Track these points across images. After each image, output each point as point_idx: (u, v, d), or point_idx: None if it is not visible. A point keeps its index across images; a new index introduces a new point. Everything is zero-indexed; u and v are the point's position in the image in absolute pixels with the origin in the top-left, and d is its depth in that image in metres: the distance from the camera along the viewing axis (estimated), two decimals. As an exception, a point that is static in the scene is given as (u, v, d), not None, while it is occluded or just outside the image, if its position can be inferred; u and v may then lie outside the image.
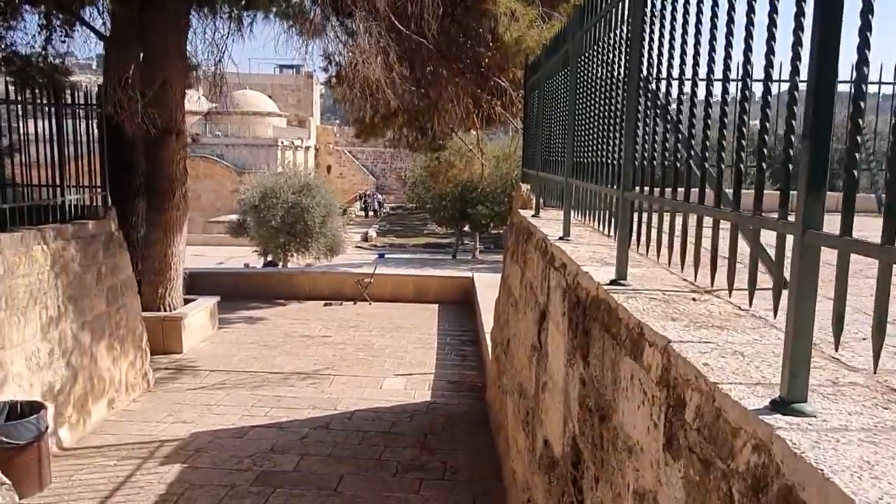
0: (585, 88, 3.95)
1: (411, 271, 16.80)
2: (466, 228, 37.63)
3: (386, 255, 32.30)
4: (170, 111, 9.79)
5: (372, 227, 47.54)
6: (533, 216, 5.81)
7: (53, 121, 6.84)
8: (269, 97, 60.88)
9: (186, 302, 11.03)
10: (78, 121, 7.35)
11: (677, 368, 1.93)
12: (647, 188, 2.75)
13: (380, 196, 59.28)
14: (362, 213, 53.33)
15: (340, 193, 54.78)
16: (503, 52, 8.47)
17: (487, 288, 12.99)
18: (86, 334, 6.91)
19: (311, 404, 8.00)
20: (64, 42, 13.73)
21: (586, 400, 3.03)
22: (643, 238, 2.94)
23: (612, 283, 2.90)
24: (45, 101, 6.94)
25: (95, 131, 7.60)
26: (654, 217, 2.79)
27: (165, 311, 10.43)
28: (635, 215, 2.99)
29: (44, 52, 13.90)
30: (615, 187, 3.02)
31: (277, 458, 6.42)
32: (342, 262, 22.87)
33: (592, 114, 3.75)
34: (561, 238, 4.28)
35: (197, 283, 13.85)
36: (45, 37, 13.86)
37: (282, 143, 51.61)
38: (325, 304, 13.78)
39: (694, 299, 2.71)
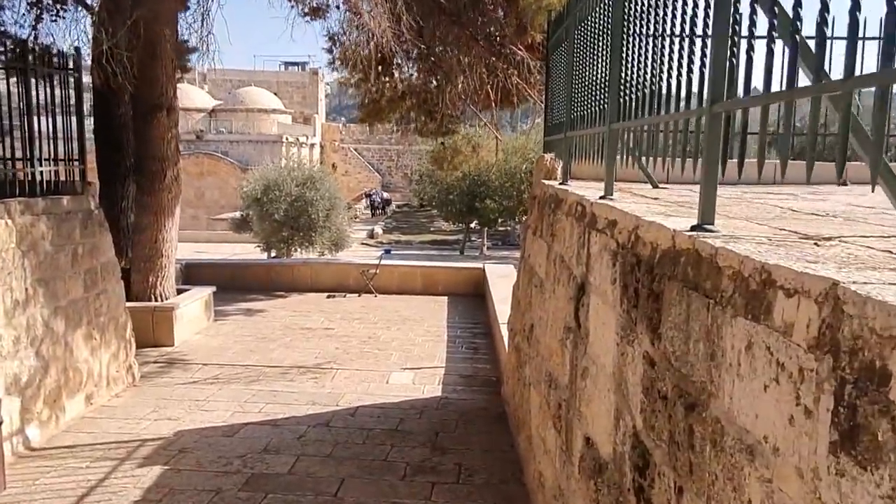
0: (638, 9, 3.22)
1: (419, 263, 16.07)
2: (474, 224, 36.93)
3: (392, 252, 31.65)
4: (160, 84, 9.09)
5: (378, 224, 46.85)
6: (560, 184, 5.10)
7: (21, 85, 6.13)
8: (275, 94, 60.36)
9: (180, 292, 10.33)
10: (52, 87, 6.64)
11: (862, 321, 1.20)
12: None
13: (384, 193, 58.57)
14: (368, 212, 52.59)
15: (346, 191, 54.20)
16: (521, 12, 7.74)
17: (500, 279, 12.27)
18: (59, 321, 6.21)
19: (311, 400, 7.29)
20: (55, 21, 13.11)
21: (656, 384, 2.30)
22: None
23: (695, 229, 2.18)
24: (8, 63, 6.24)
25: (73, 99, 6.86)
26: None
27: (156, 301, 9.73)
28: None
29: (34, 32, 13.29)
30: (703, 106, 2.29)
31: (271, 459, 5.71)
32: (347, 258, 22.14)
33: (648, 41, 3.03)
34: (603, 198, 3.56)
35: (193, 275, 13.18)
36: (35, 15, 13.24)
37: (286, 139, 50.97)
38: (328, 296, 13.08)
39: (817, 244, 1.99)
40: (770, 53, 1.85)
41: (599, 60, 4.02)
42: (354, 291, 13.37)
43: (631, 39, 3.35)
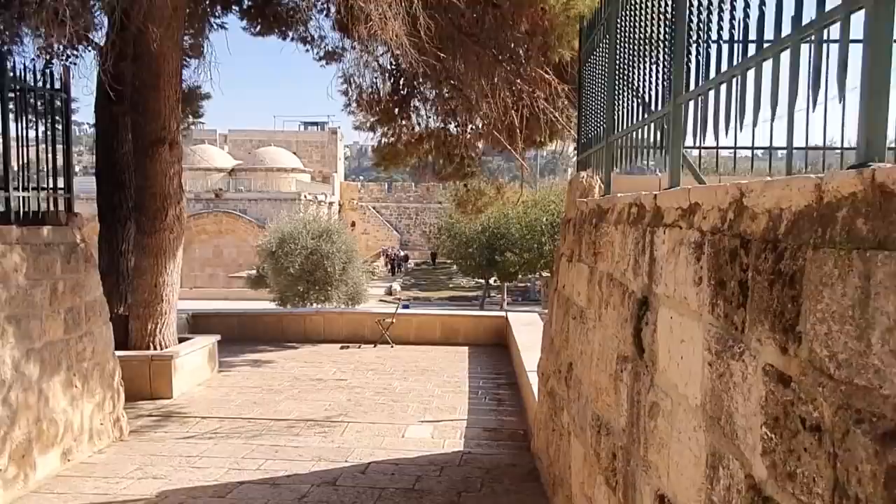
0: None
1: (438, 311, 15.29)
2: (493, 280, 36.17)
3: (410, 307, 30.89)
4: (161, 117, 8.55)
5: (396, 281, 46.25)
6: (603, 195, 4.39)
7: None
8: (294, 153, 60.84)
9: (182, 341, 9.62)
10: (35, 107, 6.07)
11: None
12: None
13: (401, 251, 58.16)
14: (386, 270, 52.00)
15: (364, 249, 53.91)
16: (547, 31, 7.14)
17: (525, 326, 11.48)
18: (32, 365, 5.49)
19: (317, 455, 6.46)
20: (66, 65, 12.80)
21: (796, 410, 1.53)
22: None
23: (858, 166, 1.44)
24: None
25: (60, 122, 6.28)
26: None
27: (156, 349, 9.02)
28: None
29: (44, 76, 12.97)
30: None
31: (267, 525, 4.89)
32: (363, 308, 21.40)
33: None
34: (670, 188, 2.85)
35: (201, 325, 12.50)
36: (46, 59, 12.95)
37: (305, 197, 50.91)
38: (342, 347, 12.30)
39: None
40: None
41: (656, 40, 3.34)
42: (370, 342, 12.59)
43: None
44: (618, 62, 4.24)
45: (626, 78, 4.05)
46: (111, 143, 9.51)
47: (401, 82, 13.66)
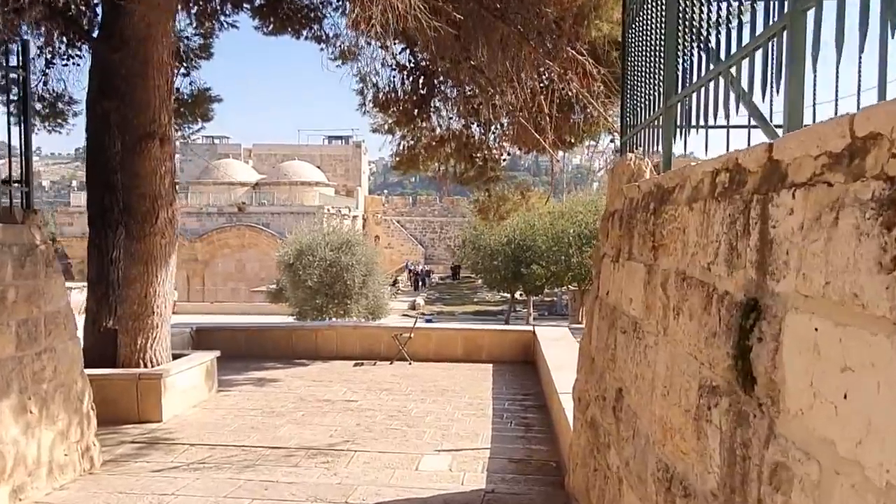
0: None
1: (460, 325, 14.30)
2: (519, 294, 35.07)
3: (434, 321, 29.90)
4: (151, 109, 7.72)
5: (420, 296, 45.36)
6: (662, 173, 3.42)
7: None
8: (318, 167, 60.50)
9: (179, 357, 8.75)
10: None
11: None
12: None
13: (425, 265, 57.34)
14: (409, 284, 51.09)
15: (388, 263, 53.21)
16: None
17: (554, 342, 10.48)
18: (-29, 387, 4.62)
19: (313, 494, 5.50)
20: (66, 65, 12.12)
21: None
22: None
23: None
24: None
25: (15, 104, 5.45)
26: None
27: (146, 366, 8.15)
28: None
29: (45, 77, 12.31)
30: None
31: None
32: (379, 322, 20.49)
33: None
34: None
35: (205, 340, 11.65)
36: (45, 60, 12.28)
37: (328, 210, 50.34)
38: (356, 364, 11.37)
39: None
40: None
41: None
42: (386, 359, 11.65)
43: None
44: (681, 20, 3.28)
45: (689, 34, 3.09)
46: (102, 141, 8.69)
47: (420, 81, 12.80)
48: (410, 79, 12.95)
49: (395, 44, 12.49)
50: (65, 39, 12.06)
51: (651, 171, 4.23)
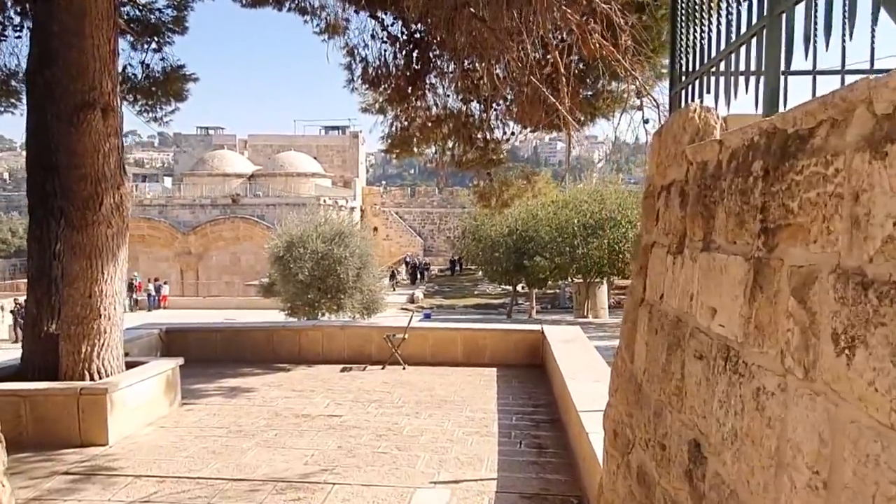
0: None
1: (459, 325, 13.09)
2: (521, 287, 33.86)
3: (432, 316, 28.68)
4: (89, 73, 6.49)
5: (419, 289, 44.20)
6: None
7: None
8: (315, 158, 59.42)
9: (135, 366, 7.55)
10: None
11: None
12: None
13: (423, 259, 56.19)
14: (406, 278, 49.85)
15: (387, 256, 52.07)
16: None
17: (566, 345, 9.26)
18: None
19: (272, 553, 4.32)
20: (19, 37, 10.91)
21: None
22: None
23: None
24: None
25: None
26: None
27: (92, 378, 6.95)
28: None
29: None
30: None
31: None
32: (371, 322, 19.30)
33: None
34: None
35: (176, 343, 10.47)
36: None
37: (324, 201, 49.16)
38: (343, 369, 10.18)
39: None
40: None
41: None
42: (377, 362, 10.46)
43: None
44: None
45: None
46: (43, 117, 7.47)
47: (413, 55, 11.57)
48: (403, 52, 11.72)
49: (385, 14, 11.30)
50: (17, 8, 10.86)
51: (721, 126, 3.02)
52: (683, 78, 3.64)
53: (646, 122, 6.12)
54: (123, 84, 11.94)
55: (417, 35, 11.55)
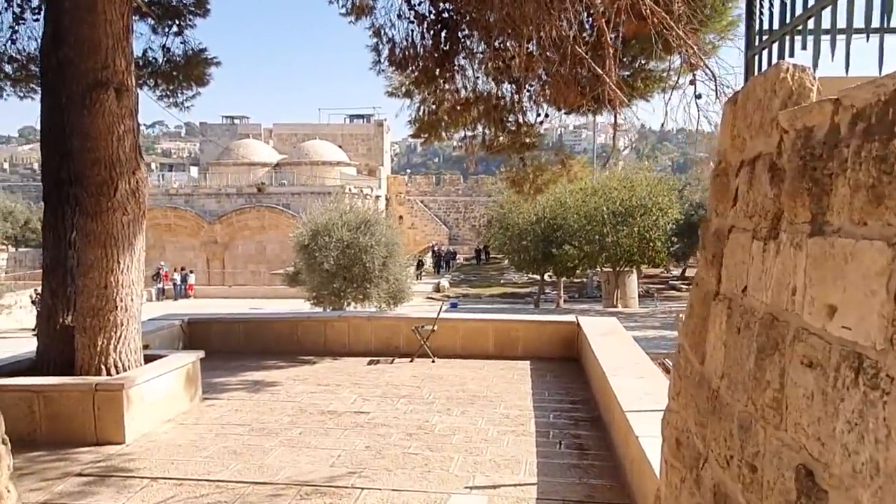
0: None
1: (491, 316, 12.67)
2: (548, 276, 33.34)
3: (459, 305, 28.26)
4: (102, 51, 6.13)
5: (444, 278, 43.85)
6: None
7: None
8: (340, 147, 59.28)
9: (154, 359, 7.22)
10: None
11: None
12: None
13: (447, 247, 55.81)
14: (432, 269, 49.45)
15: (412, 245, 51.77)
16: None
17: (604, 337, 8.80)
18: None
19: (296, 571, 3.94)
20: (37, 20, 10.61)
21: None
22: None
23: None
24: None
25: None
26: None
27: (109, 373, 6.63)
28: None
29: (13, 34, 10.86)
30: None
31: None
32: (398, 312, 18.93)
33: None
34: None
35: (199, 335, 10.16)
36: (12, 15, 10.88)
37: (350, 190, 48.95)
38: (370, 362, 9.80)
39: None
40: None
41: None
42: (405, 355, 10.07)
43: None
44: None
45: None
46: (57, 101, 7.13)
47: (442, 35, 11.12)
48: (431, 32, 11.27)
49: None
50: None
51: (818, 90, 2.55)
52: (763, 38, 3.16)
53: (698, 96, 5.64)
54: (144, 68, 11.64)
55: (446, 14, 11.11)
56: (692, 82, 5.84)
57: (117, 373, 6.65)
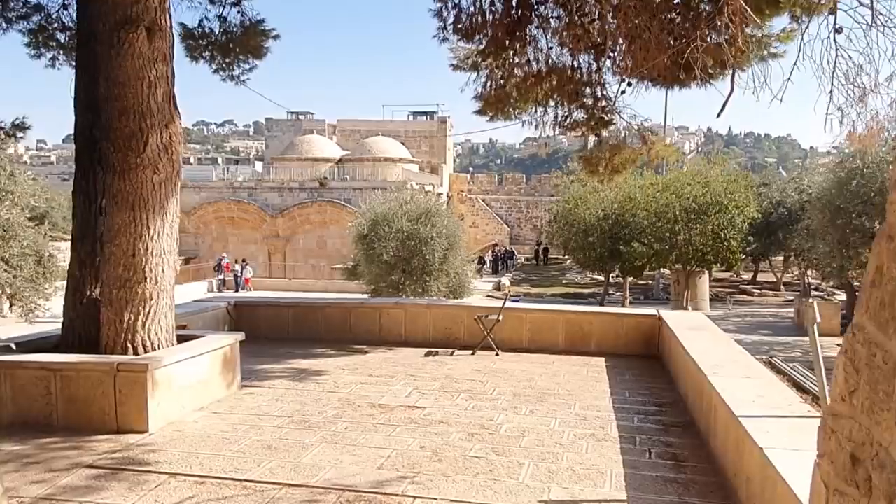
0: None
1: (560, 307, 11.65)
2: (614, 275, 31.93)
3: (521, 304, 27.24)
4: (130, -16, 5.39)
5: (505, 276, 42.82)
6: None
7: None
8: (402, 143, 58.99)
9: (188, 340, 6.48)
10: None
11: None
12: None
13: (507, 246, 54.70)
14: (490, 268, 48.31)
15: (473, 243, 50.79)
16: None
17: (693, 332, 7.70)
18: None
19: None
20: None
21: None
22: None
23: None
24: None
25: None
26: None
27: (135, 352, 5.90)
28: None
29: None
30: None
31: None
32: (460, 301, 17.98)
33: None
34: None
35: (245, 319, 9.46)
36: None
37: (411, 186, 48.23)
38: (428, 354, 8.91)
39: None
40: None
41: None
42: (466, 347, 9.14)
43: None
44: None
45: None
46: (93, 48, 6.43)
47: (513, 1, 10.19)
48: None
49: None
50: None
51: None
52: None
53: (838, 30, 4.57)
54: (200, 40, 11.02)
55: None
56: (832, 10, 4.76)
57: (145, 352, 5.92)
